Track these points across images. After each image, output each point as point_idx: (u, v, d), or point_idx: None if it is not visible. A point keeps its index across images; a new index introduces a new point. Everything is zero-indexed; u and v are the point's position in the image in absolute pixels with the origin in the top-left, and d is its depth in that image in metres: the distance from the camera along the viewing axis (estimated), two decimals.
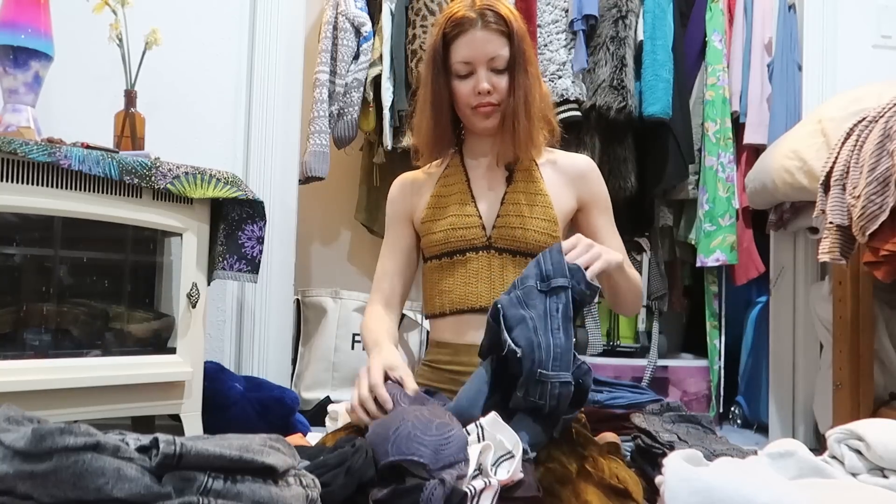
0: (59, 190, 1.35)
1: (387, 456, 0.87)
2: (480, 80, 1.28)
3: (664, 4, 2.21)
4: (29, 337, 1.41)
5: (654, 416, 1.52)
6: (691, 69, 2.35)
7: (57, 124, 1.75)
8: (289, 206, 2.15)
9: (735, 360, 2.44)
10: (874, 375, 1.68)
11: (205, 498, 0.68)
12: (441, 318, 1.34)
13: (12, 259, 1.43)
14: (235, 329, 2.04)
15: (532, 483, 0.98)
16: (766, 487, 0.85)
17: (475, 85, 1.29)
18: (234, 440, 0.76)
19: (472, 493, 0.89)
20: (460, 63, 1.29)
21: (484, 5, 1.30)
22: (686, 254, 2.44)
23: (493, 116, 1.32)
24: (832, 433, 1.07)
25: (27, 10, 1.51)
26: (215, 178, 1.52)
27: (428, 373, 1.36)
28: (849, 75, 2.22)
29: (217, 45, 2.06)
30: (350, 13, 2.18)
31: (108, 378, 1.41)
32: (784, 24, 2.26)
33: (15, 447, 0.66)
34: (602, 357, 2.31)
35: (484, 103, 1.29)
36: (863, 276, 1.65)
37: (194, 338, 1.54)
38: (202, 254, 1.56)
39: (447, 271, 1.33)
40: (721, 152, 2.25)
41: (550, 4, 2.26)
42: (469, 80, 1.30)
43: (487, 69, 1.29)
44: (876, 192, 1.29)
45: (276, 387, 1.86)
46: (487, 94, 1.29)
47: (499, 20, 1.29)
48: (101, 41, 1.70)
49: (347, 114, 2.19)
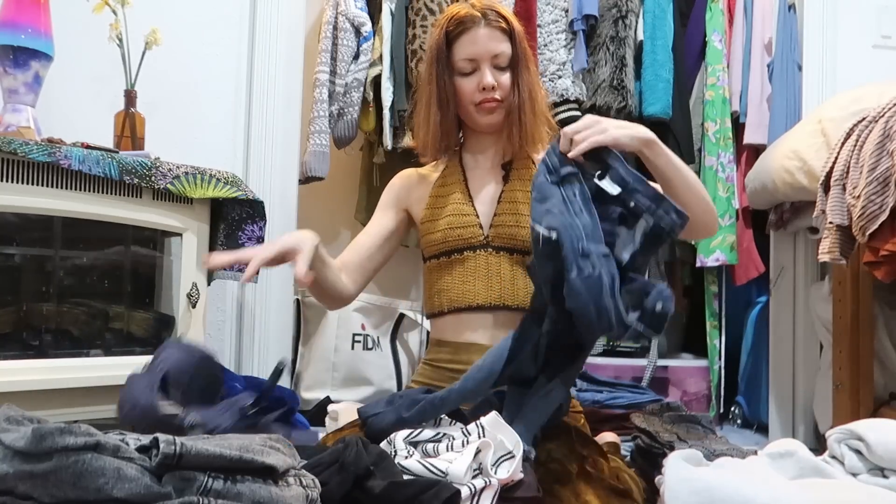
0: (59, 190, 1.35)
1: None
2: (485, 76, 1.30)
3: (664, 4, 2.21)
4: (29, 337, 1.41)
5: (654, 416, 1.52)
6: (691, 69, 2.35)
7: (57, 124, 1.75)
8: (289, 206, 2.15)
9: (735, 360, 2.44)
10: (874, 375, 1.68)
11: (205, 498, 0.68)
12: (440, 316, 1.35)
13: (12, 259, 1.43)
14: (235, 329, 2.04)
15: (532, 483, 0.98)
16: (766, 487, 0.86)
17: (479, 81, 1.30)
18: (234, 440, 0.76)
19: (472, 493, 0.89)
20: (464, 60, 1.31)
21: (485, 5, 1.32)
22: (686, 254, 2.44)
23: (497, 112, 1.33)
24: (832, 433, 1.07)
25: (27, 10, 1.51)
26: (215, 178, 1.53)
27: (429, 371, 1.36)
28: (849, 75, 2.22)
29: (217, 45, 2.06)
30: (350, 13, 2.18)
31: (108, 378, 1.41)
32: (784, 24, 2.26)
33: (15, 447, 0.66)
34: (602, 357, 2.31)
35: (488, 99, 1.31)
36: (863, 276, 1.65)
37: (194, 338, 1.54)
38: (202, 254, 1.56)
39: (446, 270, 1.34)
40: (721, 152, 2.25)
41: (550, 4, 2.26)
42: (472, 77, 1.31)
43: (491, 66, 1.30)
44: (876, 192, 1.29)
45: (276, 387, 1.86)
46: (492, 90, 1.30)
47: (500, 19, 1.32)
48: (101, 41, 1.70)
49: (347, 114, 2.19)
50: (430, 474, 0.92)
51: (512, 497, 0.95)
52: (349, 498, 0.85)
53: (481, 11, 1.31)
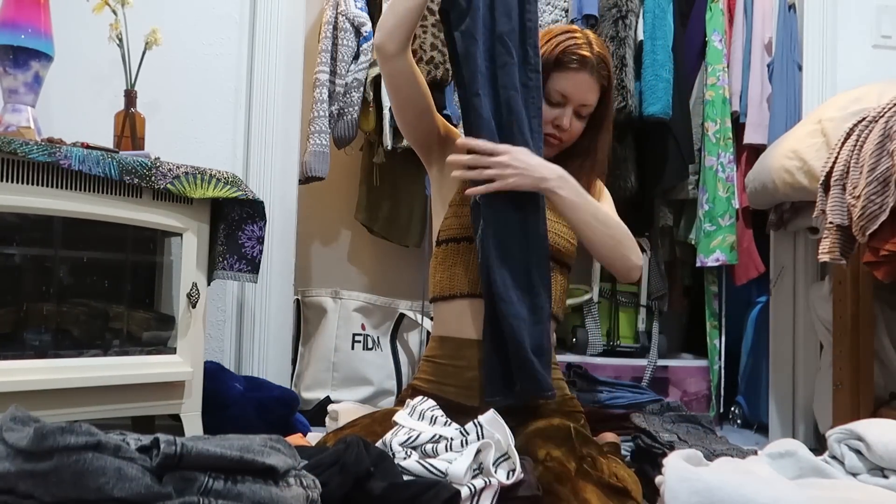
0: (59, 190, 1.35)
1: None
2: (564, 117, 1.36)
3: (664, 4, 2.21)
4: (29, 337, 1.41)
5: (654, 416, 1.53)
6: (691, 69, 2.35)
7: (57, 124, 1.75)
8: (289, 206, 2.15)
9: (735, 360, 2.44)
10: (874, 375, 1.68)
11: (205, 498, 0.68)
12: (444, 301, 1.36)
13: (12, 259, 1.43)
14: (235, 329, 2.04)
15: (532, 482, 0.98)
16: (766, 487, 0.86)
17: (557, 117, 1.36)
18: (235, 441, 0.76)
19: (472, 493, 0.89)
20: (557, 92, 1.35)
21: (600, 52, 1.37)
22: (686, 254, 2.44)
23: (555, 148, 1.39)
24: (832, 433, 1.07)
25: (27, 10, 1.51)
26: (215, 178, 1.52)
27: (431, 368, 1.36)
28: (849, 75, 2.22)
29: (217, 45, 2.06)
30: (350, 13, 2.18)
31: (108, 378, 1.41)
32: (784, 24, 2.26)
33: (17, 446, 0.66)
34: (602, 357, 2.31)
35: (555, 136, 1.37)
36: (863, 276, 1.65)
37: (194, 338, 1.54)
38: (202, 254, 1.56)
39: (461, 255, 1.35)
40: (721, 152, 2.25)
41: (550, 4, 2.26)
42: (554, 109, 1.36)
43: (574, 109, 1.36)
44: (876, 192, 1.29)
45: (276, 387, 1.86)
46: (562, 131, 1.37)
47: (605, 72, 1.37)
48: (101, 41, 1.70)
49: (347, 114, 2.19)
50: (429, 475, 0.92)
51: (512, 496, 0.95)
52: (349, 499, 0.85)
53: (596, 57, 1.35)
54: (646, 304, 2.37)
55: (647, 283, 2.37)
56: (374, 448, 0.94)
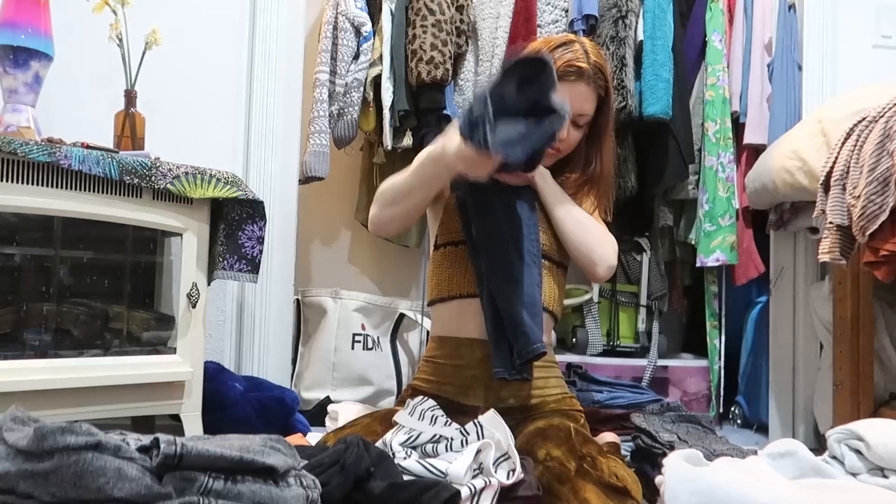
0: (59, 190, 1.35)
1: None
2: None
3: (664, 4, 2.21)
4: (29, 337, 1.41)
5: (654, 416, 1.52)
6: (691, 69, 2.34)
7: (57, 124, 1.75)
8: (289, 206, 2.15)
9: (735, 360, 2.44)
10: (874, 375, 1.68)
11: (205, 498, 0.68)
12: (443, 302, 1.37)
13: (12, 259, 1.43)
14: (235, 329, 2.04)
15: (532, 482, 0.98)
16: (766, 488, 0.86)
17: None
18: (235, 441, 0.76)
19: (472, 493, 0.89)
20: None
21: (596, 62, 1.35)
22: (686, 254, 2.44)
23: (551, 158, 1.39)
24: (832, 433, 1.07)
25: (27, 10, 1.51)
26: (215, 178, 1.52)
27: (430, 368, 1.36)
28: (849, 75, 2.22)
29: (217, 45, 2.06)
30: (350, 13, 2.18)
31: (108, 378, 1.41)
32: (784, 24, 2.26)
33: (17, 446, 0.66)
34: (602, 357, 2.31)
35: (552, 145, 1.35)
36: (863, 276, 1.65)
37: (194, 338, 1.54)
38: (202, 254, 1.56)
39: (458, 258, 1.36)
40: (721, 152, 2.25)
41: (550, 4, 2.26)
42: None
43: (572, 120, 1.34)
44: (876, 192, 1.29)
45: (276, 387, 1.86)
46: (559, 141, 1.35)
47: (602, 81, 1.36)
48: (101, 41, 1.70)
49: (347, 114, 2.19)
50: (429, 475, 0.92)
51: (512, 496, 0.95)
52: (349, 499, 0.85)
53: (592, 67, 1.33)
54: (646, 304, 2.37)
55: (647, 283, 2.37)
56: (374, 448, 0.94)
